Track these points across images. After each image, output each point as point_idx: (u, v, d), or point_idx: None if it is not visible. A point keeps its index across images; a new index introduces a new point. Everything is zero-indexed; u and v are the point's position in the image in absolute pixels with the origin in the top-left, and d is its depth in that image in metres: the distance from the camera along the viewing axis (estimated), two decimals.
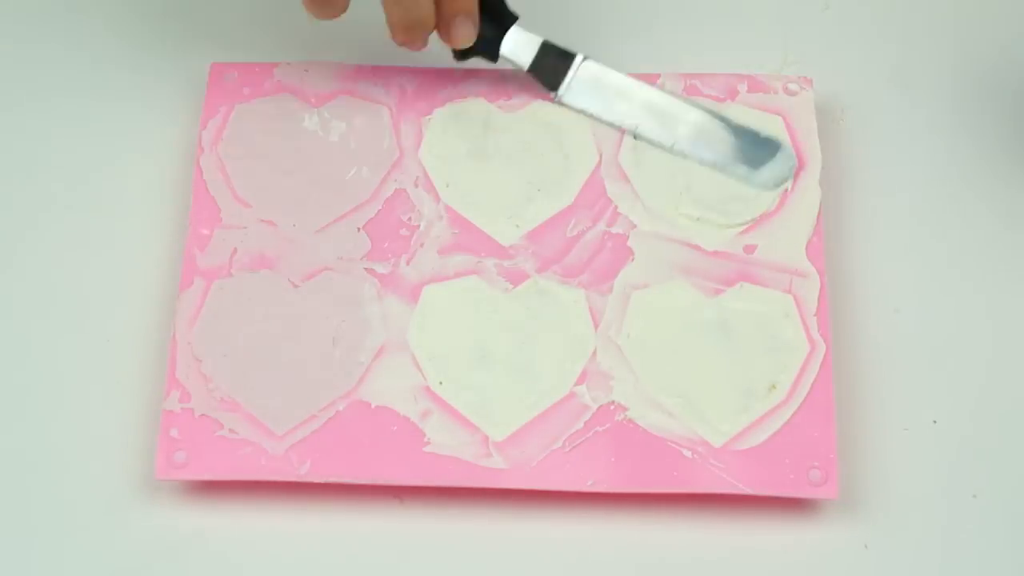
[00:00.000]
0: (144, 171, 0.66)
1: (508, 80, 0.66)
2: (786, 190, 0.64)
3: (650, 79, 0.66)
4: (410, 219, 0.64)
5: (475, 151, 0.65)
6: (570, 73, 0.65)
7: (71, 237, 0.65)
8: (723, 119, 0.65)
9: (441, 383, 0.60)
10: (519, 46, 0.65)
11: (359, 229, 0.63)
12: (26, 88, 0.68)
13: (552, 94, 0.66)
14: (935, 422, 0.62)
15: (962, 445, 0.61)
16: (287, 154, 0.65)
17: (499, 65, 0.66)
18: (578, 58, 0.65)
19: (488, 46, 0.65)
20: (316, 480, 0.59)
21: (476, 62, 0.65)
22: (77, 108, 0.68)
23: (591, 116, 0.65)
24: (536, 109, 0.66)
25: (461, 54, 0.65)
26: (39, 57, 0.69)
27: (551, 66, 0.65)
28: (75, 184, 0.66)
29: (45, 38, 0.69)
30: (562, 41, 0.66)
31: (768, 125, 0.65)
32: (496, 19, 0.65)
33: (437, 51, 0.66)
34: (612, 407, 0.60)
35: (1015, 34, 0.70)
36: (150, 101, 0.68)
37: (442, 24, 0.62)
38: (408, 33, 0.62)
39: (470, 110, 0.66)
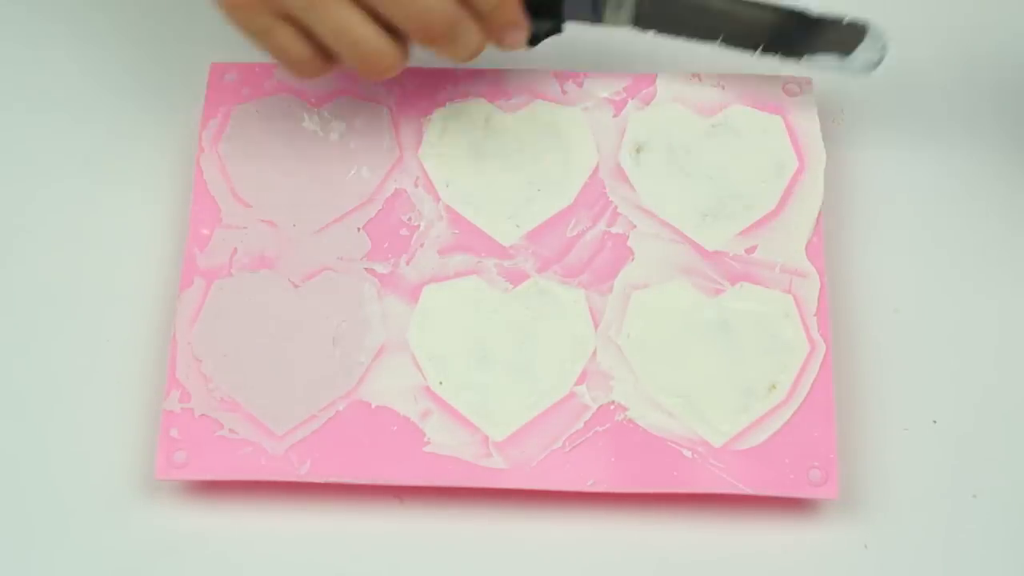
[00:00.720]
0: (144, 171, 0.66)
1: (508, 80, 0.66)
2: (787, 190, 0.64)
3: (648, 79, 0.66)
4: (410, 219, 0.64)
5: (475, 151, 0.65)
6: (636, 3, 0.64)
7: (71, 237, 0.65)
8: (800, 13, 0.63)
9: (441, 383, 0.60)
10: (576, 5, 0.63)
11: (359, 229, 0.63)
12: (26, 88, 0.68)
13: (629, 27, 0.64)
14: (935, 422, 0.62)
15: (962, 445, 0.61)
16: (287, 154, 0.65)
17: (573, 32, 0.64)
18: None
19: (546, 27, 0.63)
20: (316, 480, 0.59)
21: (488, 60, 0.65)
22: (77, 108, 0.68)
23: (667, 36, 0.64)
24: (536, 109, 0.66)
25: (529, 44, 0.63)
26: (39, 57, 0.69)
27: (619, 5, 0.63)
28: (75, 184, 0.66)
29: (45, 38, 0.69)
30: (562, 41, 0.66)
31: (769, 124, 0.65)
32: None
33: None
34: (612, 407, 0.60)
35: (1015, 34, 0.70)
36: (150, 101, 0.68)
37: (493, 38, 0.61)
38: (468, 60, 0.60)
39: (470, 110, 0.66)
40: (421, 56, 0.66)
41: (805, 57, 0.64)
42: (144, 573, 0.59)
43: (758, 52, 0.64)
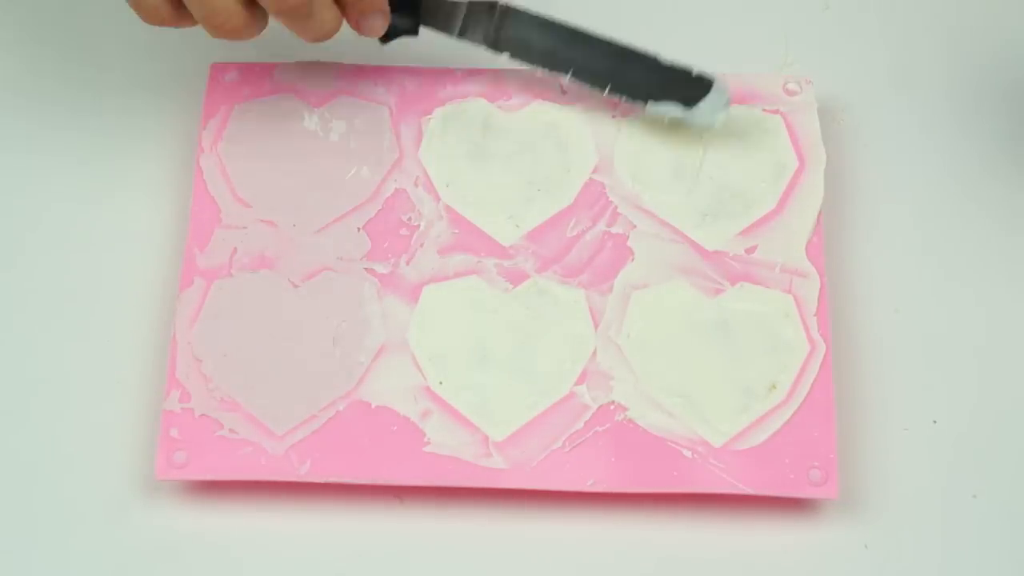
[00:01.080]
0: (144, 171, 0.66)
1: (508, 80, 0.66)
2: (787, 190, 0.64)
3: None
4: (410, 219, 0.64)
5: (475, 151, 0.65)
6: (493, 24, 0.64)
7: (71, 237, 0.65)
8: (651, 60, 0.64)
9: (441, 383, 0.60)
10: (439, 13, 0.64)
11: (359, 229, 0.63)
12: (26, 88, 0.68)
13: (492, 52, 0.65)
14: (935, 422, 0.62)
15: (962, 445, 0.61)
16: (287, 154, 0.65)
17: (423, 38, 0.64)
18: (498, 7, 0.64)
19: (404, 24, 0.64)
20: (316, 480, 0.59)
21: (488, 60, 0.65)
22: (77, 108, 0.68)
23: (526, 66, 0.65)
24: (536, 109, 0.66)
25: (382, 39, 0.64)
26: (39, 57, 0.69)
27: (477, 22, 0.64)
28: (75, 184, 0.66)
29: (45, 38, 0.69)
30: None
31: (769, 124, 0.65)
32: None
33: (437, 51, 0.66)
34: (612, 407, 0.60)
35: (1014, 34, 0.70)
36: (150, 101, 0.68)
37: (352, 21, 0.62)
38: (320, 40, 0.61)
39: (470, 110, 0.66)
40: (421, 56, 0.66)
41: (650, 103, 0.64)
42: (144, 573, 0.59)
43: (606, 92, 0.64)
